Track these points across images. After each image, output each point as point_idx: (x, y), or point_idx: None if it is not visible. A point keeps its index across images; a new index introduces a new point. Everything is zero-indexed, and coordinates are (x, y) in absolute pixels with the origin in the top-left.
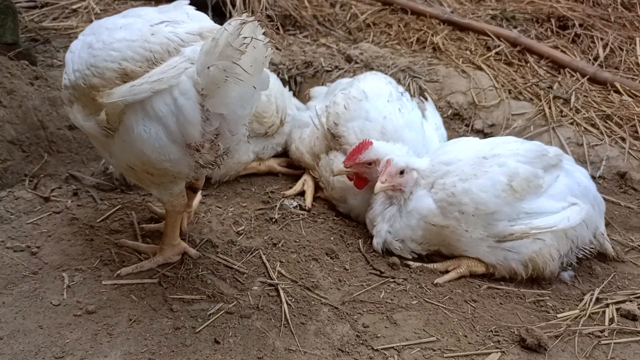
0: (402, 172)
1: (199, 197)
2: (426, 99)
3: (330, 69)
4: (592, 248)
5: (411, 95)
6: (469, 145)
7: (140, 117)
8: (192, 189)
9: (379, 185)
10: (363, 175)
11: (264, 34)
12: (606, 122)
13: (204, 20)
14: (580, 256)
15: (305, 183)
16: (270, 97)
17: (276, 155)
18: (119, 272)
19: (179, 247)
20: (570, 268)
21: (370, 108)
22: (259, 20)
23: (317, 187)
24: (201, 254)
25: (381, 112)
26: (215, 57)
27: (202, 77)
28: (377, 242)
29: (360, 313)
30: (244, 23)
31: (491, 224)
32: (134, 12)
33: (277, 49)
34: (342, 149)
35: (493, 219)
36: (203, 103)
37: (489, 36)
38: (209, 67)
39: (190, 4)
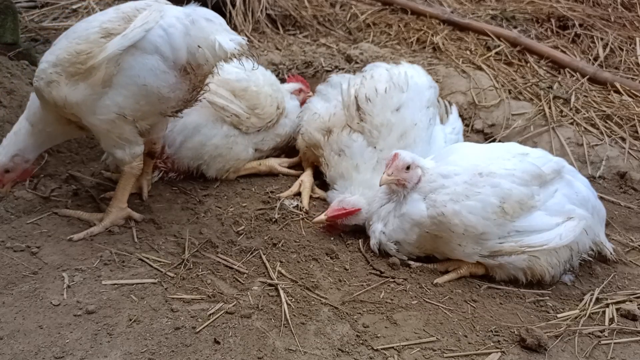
0: (407, 168)
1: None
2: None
3: (330, 69)
4: (591, 254)
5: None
6: (469, 156)
7: (138, 55)
8: (150, 155)
9: (384, 178)
10: (401, 182)
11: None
12: (606, 122)
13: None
14: (580, 262)
15: (302, 184)
16: (261, 87)
17: (277, 155)
18: (71, 237)
19: (125, 211)
20: (570, 272)
21: (407, 111)
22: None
23: (314, 188)
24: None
25: (413, 119)
26: (205, 41)
27: (189, 45)
28: (373, 244)
29: (360, 313)
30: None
31: (480, 242)
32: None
33: (277, 48)
34: (359, 126)
35: (482, 238)
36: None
37: (489, 36)
38: (199, 47)
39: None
